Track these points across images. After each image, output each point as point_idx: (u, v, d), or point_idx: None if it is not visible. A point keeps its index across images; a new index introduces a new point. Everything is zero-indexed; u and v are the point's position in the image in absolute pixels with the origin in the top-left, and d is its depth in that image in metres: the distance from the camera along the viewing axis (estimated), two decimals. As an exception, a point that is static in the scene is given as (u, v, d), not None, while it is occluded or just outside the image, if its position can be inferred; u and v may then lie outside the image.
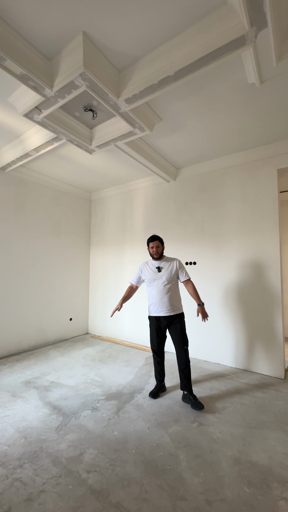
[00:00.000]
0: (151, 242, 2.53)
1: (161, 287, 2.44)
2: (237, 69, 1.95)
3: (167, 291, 2.43)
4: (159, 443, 1.81)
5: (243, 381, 2.83)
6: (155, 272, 2.50)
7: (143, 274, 2.59)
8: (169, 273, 2.47)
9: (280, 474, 1.54)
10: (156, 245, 2.51)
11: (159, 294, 2.44)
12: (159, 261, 2.54)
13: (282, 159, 3.06)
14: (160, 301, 2.44)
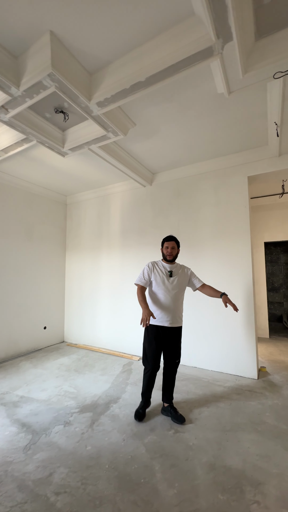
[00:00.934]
0: (167, 241, 2.27)
1: (171, 294, 2.17)
2: (207, 78, 2.00)
3: (176, 300, 2.19)
4: (134, 455, 1.75)
5: (218, 383, 2.87)
6: (167, 276, 2.22)
7: (154, 275, 2.23)
8: (182, 280, 2.24)
9: (253, 477, 1.55)
10: (172, 246, 2.25)
11: (167, 301, 2.17)
12: (172, 265, 2.28)
13: (252, 167, 3.20)
14: (167, 309, 2.16)
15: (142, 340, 3.81)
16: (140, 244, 4.02)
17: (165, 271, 2.24)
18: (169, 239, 2.29)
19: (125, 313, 4.06)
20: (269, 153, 3.06)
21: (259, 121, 2.56)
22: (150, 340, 2.22)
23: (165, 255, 2.28)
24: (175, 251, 2.27)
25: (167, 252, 2.26)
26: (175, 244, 2.28)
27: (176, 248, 2.29)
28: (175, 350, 2.24)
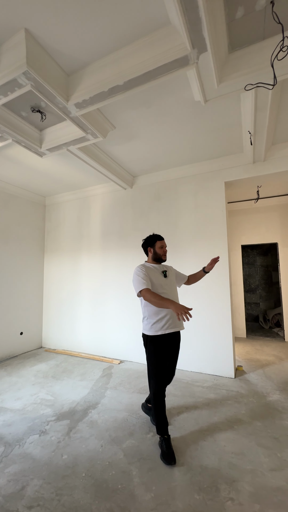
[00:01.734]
0: (161, 240, 2.07)
1: (174, 294, 1.99)
2: (184, 86, 2.06)
3: (176, 299, 2.02)
4: (112, 461, 1.73)
5: (197, 384, 2.92)
6: (162, 277, 1.99)
7: (151, 277, 1.94)
8: (174, 279, 2.10)
9: (228, 475, 1.59)
10: (165, 245, 2.11)
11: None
12: (161, 265, 2.09)
13: (228, 173, 3.32)
14: (170, 311, 1.89)
15: (123, 342, 3.81)
16: (121, 247, 4.00)
17: (160, 272, 2.02)
18: (162, 237, 2.10)
19: (107, 316, 4.01)
20: (244, 160, 3.19)
21: (235, 130, 2.67)
22: (158, 355, 1.88)
23: (160, 256, 2.06)
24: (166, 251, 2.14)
25: (162, 252, 2.05)
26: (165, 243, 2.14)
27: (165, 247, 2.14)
28: (177, 358, 2.02)
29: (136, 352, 3.70)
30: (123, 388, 2.83)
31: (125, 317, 3.85)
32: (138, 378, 3.12)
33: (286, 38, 1.42)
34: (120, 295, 3.92)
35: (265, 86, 1.66)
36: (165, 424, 1.85)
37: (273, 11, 1.41)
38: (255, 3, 1.44)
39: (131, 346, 3.75)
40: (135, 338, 3.73)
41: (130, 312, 3.81)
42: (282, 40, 1.41)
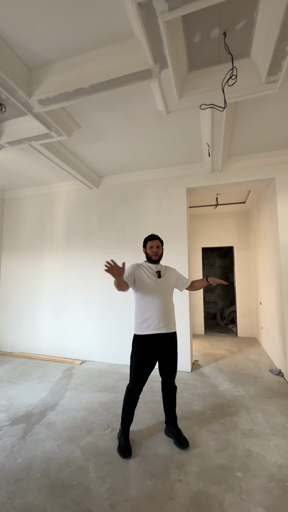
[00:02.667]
0: (151, 240, 2.06)
1: (164, 296, 1.96)
2: (149, 96, 2.16)
3: (168, 302, 1.98)
4: (68, 459, 1.74)
5: (156, 379, 3.04)
6: (155, 277, 1.97)
7: (139, 276, 1.95)
8: (171, 281, 2.04)
9: (179, 460, 1.73)
10: (157, 245, 2.04)
11: (161, 305, 1.91)
12: (158, 266, 2.06)
13: (190, 180, 3.54)
14: (162, 314, 1.90)
15: (86, 342, 3.79)
16: (85, 246, 3.98)
17: (153, 272, 1.99)
18: (152, 237, 2.07)
19: (69, 317, 3.94)
20: (204, 169, 3.44)
21: (195, 140, 2.87)
22: (140, 354, 1.89)
23: (150, 256, 2.04)
24: (160, 250, 2.06)
25: (152, 252, 2.03)
26: (160, 243, 2.07)
27: (161, 247, 2.08)
28: (172, 361, 1.96)
29: (98, 351, 3.72)
30: (83, 388, 2.83)
31: (88, 317, 3.83)
32: (100, 377, 3.15)
33: (235, 68, 1.61)
34: (83, 295, 3.89)
35: (217, 108, 1.84)
36: (130, 421, 1.93)
37: (225, 42, 1.58)
38: (210, 32, 1.60)
39: (93, 346, 3.75)
40: (98, 338, 3.75)
41: (93, 312, 3.81)
42: (232, 69, 1.59)
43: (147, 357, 1.89)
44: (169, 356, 1.95)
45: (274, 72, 1.75)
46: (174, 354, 1.97)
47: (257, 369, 3.36)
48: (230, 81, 1.66)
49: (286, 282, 3.04)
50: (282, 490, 1.48)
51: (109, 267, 1.68)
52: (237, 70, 1.64)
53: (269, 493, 1.46)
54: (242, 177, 3.34)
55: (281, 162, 3.15)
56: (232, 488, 1.49)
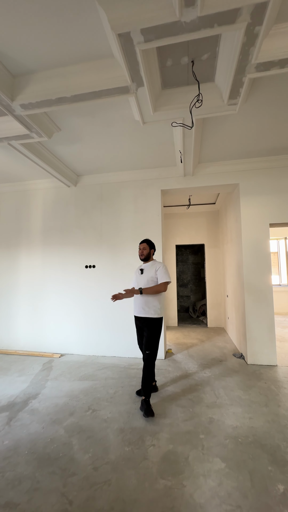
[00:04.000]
0: (140, 244, 2.63)
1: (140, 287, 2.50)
2: (126, 107, 2.35)
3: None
4: (53, 437, 1.93)
5: (133, 367, 3.32)
6: (139, 273, 2.59)
7: (134, 277, 2.66)
8: (149, 275, 2.49)
9: (152, 429, 2.00)
10: (143, 247, 2.60)
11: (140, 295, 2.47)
12: (145, 264, 2.61)
13: (164, 182, 3.80)
14: (136, 301, 2.51)
15: (65, 336, 3.92)
16: (63, 244, 4.07)
17: (139, 269, 2.62)
18: (141, 241, 2.65)
19: (47, 312, 4.03)
20: (177, 173, 3.72)
21: (169, 147, 3.12)
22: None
23: (139, 255, 2.63)
24: (146, 251, 2.58)
25: (139, 252, 2.62)
26: (146, 245, 2.60)
27: (147, 248, 2.59)
28: (146, 340, 2.39)
29: (77, 344, 3.87)
30: (64, 378, 2.99)
31: (67, 312, 3.96)
32: (79, 368, 3.32)
33: (201, 94, 1.87)
34: (61, 291, 4.00)
35: (186, 126, 2.10)
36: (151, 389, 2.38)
37: (193, 70, 1.84)
38: (180, 59, 1.84)
39: (72, 339, 3.90)
40: (77, 331, 3.90)
41: (72, 306, 3.94)
42: (198, 95, 1.86)
43: (136, 329, 2.61)
44: (144, 335, 2.47)
45: (234, 97, 2.05)
46: (148, 333, 2.41)
47: (222, 354, 3.78)
48: (196, 104, 1.92)
49: (247, 276, 3.46)
50: (235, 444, 1.82)
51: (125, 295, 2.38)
52: (202, 96, 1.91)
53: (224, 447, 1.79)
54: (211, 182, 3.68)
55: (244, 170, 3.54)
56: (196, 447, 1.80)
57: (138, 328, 2.58)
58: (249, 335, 3.40)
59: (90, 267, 3.94)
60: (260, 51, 1.65)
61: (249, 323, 3.41)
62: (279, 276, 7.53)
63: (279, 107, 2.38)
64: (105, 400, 2.46)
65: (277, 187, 3.47)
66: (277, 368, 3.19)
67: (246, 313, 3.43)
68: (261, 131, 2.80)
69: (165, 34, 1.50)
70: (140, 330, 2.56)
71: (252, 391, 2.61)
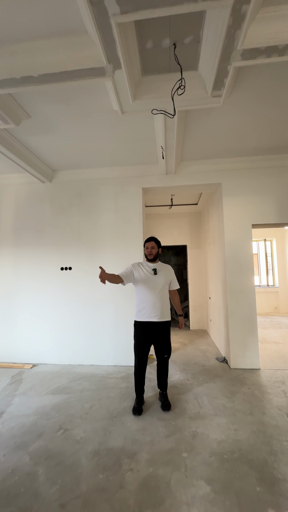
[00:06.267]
0: (148, 242, 2.44)
1: (156, 290, 2.32)
2: (104, 94, 2.15)
3: (162, 295, 2.34)
4: (15, 467, 1.66)
5: (112, 376, 3.09)
6: (151, 274, 2.37)
7: (137, 273, 2.39)
8: (165, 278, 2.38)
9: (130, 449, 1.80)
10: (152, 246, 2.42)
11: (153, 298, 2.31)
12: (155, 264, 2.43)
13: (146, 180, 3.64)
14: (153, 305, 2.30)
15: (38, 344, 3.60)
16: (38, 244, 3.76)
17: (149, 269, 2.40)
18: (149, 240, 2.46)
19: (19, 318, 3.69)
20: (159, 171, 3.57)
21: (149, 143, 2.96)
22: (138, 336, 2.36)
23: (146, 255, 2.44)
24: (154, 250, 2.41)
25: (147, 251, 2.42)
26: (155, 244, 2.43)
27: (156, 248, 2.42)
28: (163, 344, 2.34)
29: (51, 353, 3.57)
30: (34, 392, 2.70)
31: (42, 317, 3.65)
32: (53, 379, 3.04)
33: (183, 79, 1.72)
34: (36, 294, 3.68)
35: (167, 114, 1.94)
36: (139, 391, 2.37)
37: (175, 53, 1.68)
38: (162, 41, 1.68)
39: (46, 348, 3.59)
40: (51, 339, 3.60)
41: (46, 312, 3.64)
42: (180, 79, 1.71)
43: (141, 338, 2.34)
44: (162, 340, 2.34)
45: (218, 88, 1.93)
46: (165, 338, 2.36)
47: (205, 358, 3.67)
48: (179, 91, 1.77)
49: (229, 278, 3.37)
50: (220, 462, 1.67)
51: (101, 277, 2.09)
52: (185, 81, 1.76)
53: (209, 466, 1.64)
54: (193, 181, 3.57)
55: (227, 170, 3.47)
56: (178, 468, 1.63)
57: (148, 334, 2.33)
58: (232, 337, 3.31)
59: (66, 269, 3.67)
60: (246, 36, 1.53)
61: (232, 325, 3.33)
62: (259, 277, 7.67)
63: (262, 106, 2.31)
64: (79, 417, 2.22)
65: (259, 188, 3.43)
66: (260, 372, 3.12)
67: (229, 315, 3.35)
68: (244, 130, 2.72)
69: (143, 5, 1.32)
70: (149, 336, 2.33)
71: (236, 398, 2.50)
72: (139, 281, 2.37)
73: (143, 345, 2.34)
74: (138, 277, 2.38)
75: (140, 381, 2.38)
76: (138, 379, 2.38)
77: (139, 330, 2.35)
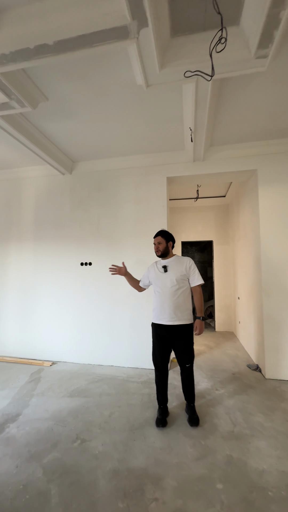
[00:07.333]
0: (154, 238, 2.23)
1: (166, 289, 2.08)
2: (126, 66, 1.89)
3: (172, 295, 2.05)
4: (27, 482, 1.50)
5: (133, 379, 2.88)
6: (161, 272, 2.15)
7: (150, 274, 2.24)
8: (177, 273, 2.09)
9: (154, 472, 1.57)
10: (158, 241, 2.19)
11: (162, 297, 2.08)
12: (167, 260, 2.20)
13: (170, 168, 3.34)
14: (161, 306, 2.07)
15: (58, 342, 3.50)
16: (57, 238, 3.64)
17: (160, 267, 2.18)
18: (155, 235, 2.24)
19: (39, 314, 3.61)
20: (185, 158, 3.25)
21: (177, 125, 2.66)
22: (153, 338, 2.17)
23: (155, 252, 2.22)
24: (162, 246, 2.17)
25: (155, 248, 2.22)
26: (162, 238, 2.19)
27: (163, 242, 2.17)
28: (181, 352, 2.07)
29: (71, 351, 3.45)
30: (51, 393, 2.57)
31: (61, 314, 3.53)
32: (71, 379, 2.90)
33: (224, 29, 1.40)
34: (55, 290, 3.57)
35: (204, 75, 1.63)
36: (162, 401, 2.15)
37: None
38: (197, -13, 1.38)
39: (66, 345, 3.47)
40: (71, 337, 3.47)
41: (66, 308, 3.52)
42: (221, 29, 1.39)
43: (155, 340, 2.14)
44: (179, 347, 2.07)
45: (264, 45, 1.58)
46: (184, 344, 2.06)
47: (234, 364, 3.32)
48: (218, 47, 1.45)
49: (265, 277, 2.99)
50: (264, 500, 1.37)
51: (115, 270, 2.21)
52: (227, 33, 1.43)
53: (251, 506, 1.34)
54: (224, 168, 3.21)
55: (264, 154, 3.06)
56: (212, 503, 1.36)
57: (163, 338, 2.09)
58: (268, 343, 2.93)
59: (86, 265, 3.50)
60: None
61: (268, 330, 2.95)
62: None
63: None
64: (98, 426, 2.03)
65: (302, 174, 2.98)
66: (301, 385, 2.73)
67: (264, 318, 2.97)
68: (289, 103, 2.31)
69: None
70: (165, 341, 2.09)
71: (276, 415, 2.16)
72: (152, 280, 2.24)
73: (159, 349, 2.12)
74: (150, 276, 2.24)
75: (162, 389, 2.15)
76: (159, 387, 2.15)
77: (154, 332, 2.16)
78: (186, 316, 2.07)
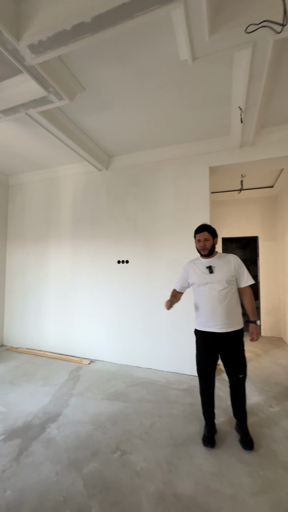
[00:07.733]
0: (198, 233, 1.92)
1: (215, 293, 1.82)
2: (168, 39, 1.68)
3: (223, 299, 1.80)
4: (67, 494, 1.41)
5: (173, 386, 2.69)
6: (206, 273, 1.88)
7: (190, 277, 1.97)
8: (226, 274, 1.83)
9: (205, 503, 1.36)
10: (204, 238, 1.88)
11: (212, 302, 1.82)
12: (210, 259, 1.91)
13: (213, 157, 3.03)
14: (212, 311, 1.81)
15: (96, 339, 3.48)
16: (94, 235, 3.60)
17: (203, 268, 1.90)
18: (199, 230, 1.92)
19: (77, 311, 3.63)
20: (230, 144, 2.92)
21: (223, 105, 2.36)
22: (198, 347, 1.95)
23: (199, 250, 1.94)
24: (209, 243, 1.88)
25: (199, 246, 1.92)
26: (209, 234, 1.89)
27: (211, 239, 1.89)
28: (235, 361, 1.83)
29: (108, 350, 3.39)
30: (90, 394, 2.51)
31: (98, 312, 3.50)
32: (109, 380, 2.82)
33: None
34: (93, 288, 3.55)
35: (273, 27, 1.33)
36: (209, 416, 1.92)
37: None
38: None
39: (103, 343, 3.43)
40: (108, 336, 3.42)
41: (103, 306, 3.47)
42: None
43: (201, 349, 1.91)
44: (229, 356, 1.85)
45: None
46: (236, 353, 1.84)
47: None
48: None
49: None
50: None
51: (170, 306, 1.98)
52: None
53: None
54: (276, 152, 2.80)
55: None
56: None
57: (211, 347, 1.85)
58: None
59: (123, 263, 3.40)
60: None
61: None
62: None
63: None
64: (138, 437, 1.88)
65: None
66: None
67: None
68: None
69: None
70: (214, 350, 1.86)
71: None
72: (193, 283, 1.95)
73: (205, 359, 1.89)
74: (192, 278, 1.96)
75: (209, 403, 1.92)
76: (205, 401, 1.92)
77: (199, 340, 1.93)
78: (239, 320, 1.85)
